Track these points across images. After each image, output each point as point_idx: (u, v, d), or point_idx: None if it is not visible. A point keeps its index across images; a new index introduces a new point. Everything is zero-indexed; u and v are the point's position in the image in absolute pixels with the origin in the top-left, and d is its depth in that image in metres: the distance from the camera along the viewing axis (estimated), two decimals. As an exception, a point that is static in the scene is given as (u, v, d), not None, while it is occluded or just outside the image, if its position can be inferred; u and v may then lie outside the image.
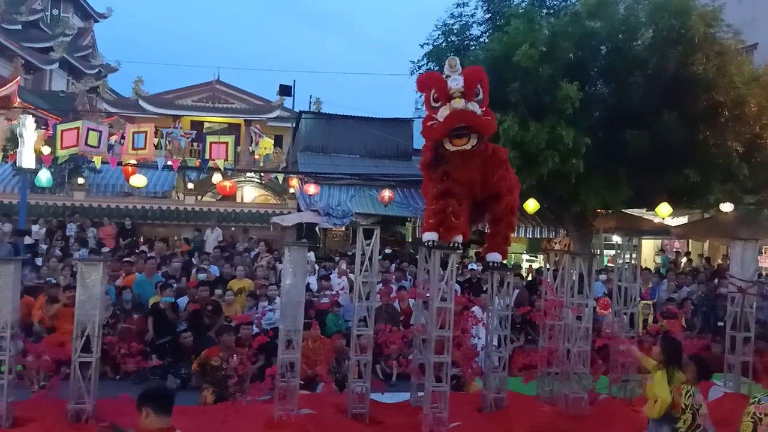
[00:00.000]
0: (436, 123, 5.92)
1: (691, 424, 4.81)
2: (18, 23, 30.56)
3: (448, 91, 5.81)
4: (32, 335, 8.60)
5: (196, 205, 19.68)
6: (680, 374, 5.07)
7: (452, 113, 5.78)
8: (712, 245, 18.70)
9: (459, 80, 5.81)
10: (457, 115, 5.79)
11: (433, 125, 5.98)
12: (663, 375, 5.04)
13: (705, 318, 10.85)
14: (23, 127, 14.16)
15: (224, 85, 30.68)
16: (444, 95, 5.86)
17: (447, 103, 5.82)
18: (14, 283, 5.88)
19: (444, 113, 5.82)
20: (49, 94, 29.55)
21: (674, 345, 5.44)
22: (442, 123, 5.84)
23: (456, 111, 5.77)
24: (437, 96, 5.93)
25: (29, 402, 6.08)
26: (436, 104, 5.95)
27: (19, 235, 13.51)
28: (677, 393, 4.92)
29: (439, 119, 5.86)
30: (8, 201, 17.57)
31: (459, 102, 5.78)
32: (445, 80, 5.91)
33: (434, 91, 5.97)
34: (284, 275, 6.29)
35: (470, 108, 5.82)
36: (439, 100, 5.90)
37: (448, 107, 5.80)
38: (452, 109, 5.77)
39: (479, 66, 6.47)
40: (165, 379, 8.18)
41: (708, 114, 13.29)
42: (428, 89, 6.12)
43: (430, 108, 6.07)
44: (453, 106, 5.77)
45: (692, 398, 4.85)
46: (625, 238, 8.14)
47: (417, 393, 6.88)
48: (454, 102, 5.78)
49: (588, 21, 13.82)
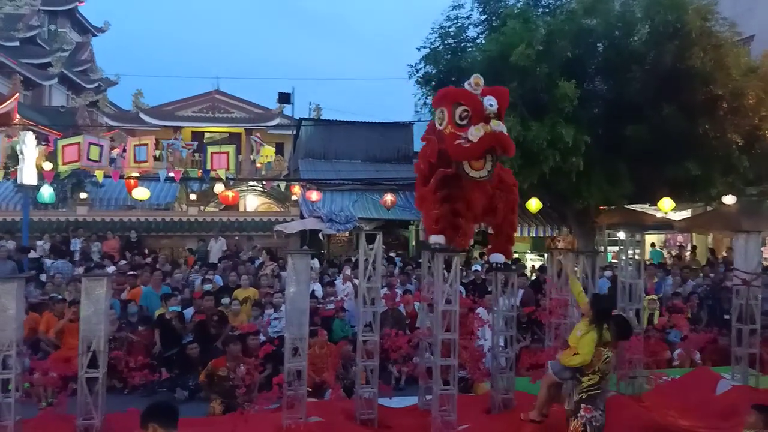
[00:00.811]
0: (465, 142, 5.76)
1: (595, 384, 5.08)
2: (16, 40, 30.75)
3: (484, 111, 5.72)
4: (39, 352, 8.62)
5: (199, 215, 19.74)
6: (608, 333, 5.22)
7: (489, 135, 5.69)
8: (716, 238, 18.66)
9: (493, 101, 5.74)
10: (494, 138, 5.73)
11: (462, 144, 5.79)
12: (593, 335, 5.18)
13: (711, 311, 10.82)
14: (24, 143, 14.20)
15: (224, 94, 30.80)
16: (478, 115, 5.74)
17: (480, 123, 5.70)
18: (18, 301, 5.89)
19: (477, 133, 5.69)
20: (49, 110, 29.64)
21: (604, 303, 5.58)
22: (477, 144, 5.72)
23: (493, 133, 5.70)
24: (470, 114, 5.78)
25: (37, 419, 6.09)
26: (462, 122, 5.81)
27: (22, 252, 13.56)
28: (597, 356, 5.12)
29: (470, 138, 5.72)
30: (11, 218, 17.64)
31: (498, 124, 5.73)
32: (479, 98, 5.78)
33: (466, 108, 5.80)
34: (288, 283, 6.30)
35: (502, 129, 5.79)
36: (471, 118, 5.76)
37: (482, 127, 5.69)
38: (490, 130, 5.69)
39: (503, 87, 6.32)
40: (173, 392, 8.20)
41: (707, 107, 13.28)
42: (452, 104, 5.94)
43: (455, 125, 5.88)
44: (493, 128, 5.70)
45: (608, 364, 5.10)
46: (629, 234, 8.12)
47: (425, 396, 6.87)
48: (494, 123, 5.71)
49: (584, 18, 13.83)
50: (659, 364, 8.28)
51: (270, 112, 29.57)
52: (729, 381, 7.51)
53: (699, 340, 8.72)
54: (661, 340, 8.97)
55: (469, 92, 5.94)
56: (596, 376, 5.08)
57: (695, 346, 8.83)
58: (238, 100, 30.91)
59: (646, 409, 6.84)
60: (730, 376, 7.69)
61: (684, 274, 12.87)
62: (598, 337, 5.16)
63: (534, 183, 13.44)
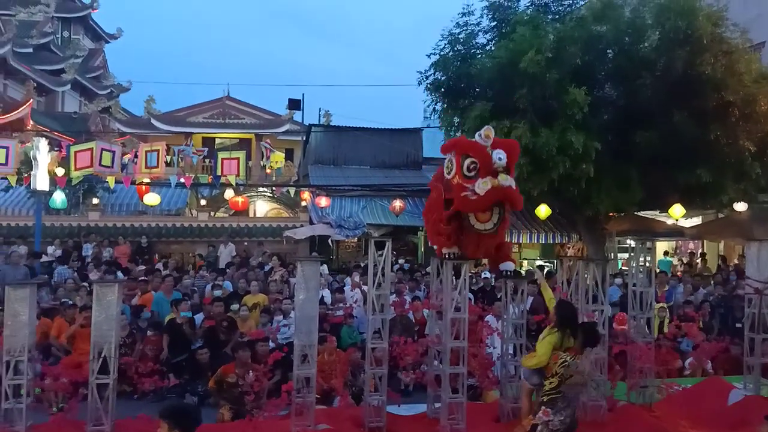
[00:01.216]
0: (472, 194, 5.74)
1: (554, 387, 5.12)
2: (29, 46, 31.12)
3: (493, 165, 5.70)
4: (50, 357, 8.68)
5: (209, 221, 19.83)
6: (570, 340, 5.29)
7: (496, 189, 5.69)
8: (728, 245, 18.50)
9: (503, 156, 5.72)
10: (501, 192, 5.73)
11: (469, 197, 5.77)
12: (552, 338, 5.32)
13: (723, 320, 10.72)
14: (37, 149, 14.38)
15: (234, 101, 30.95)
16: (486, 168, 5.71)
17: (488, 177, 5.68)
18: (30, 307, 5.95)
19: (484, 187, 5.67)
20: (62, 116, 29.98)
21: (568, 310, 5.62)
22: (484, 197, 5.70)
23: (501, 188, 5.70)
24: (477, 167, 5.74)
25: (48, 425, 6.12)
26: (470, 173, 5.78)
27: (34, 258, 13.67)
28: (553, 360, 5.21)
29: (477, 191, 5.70)
30: (23, 223, 17.81)
31: (506, 179, 5.72)
32: (488, 151, 5.74)
33: (474, 160, 5.77)
34: (298, 290, 6.31)
35: (510, 184, 5.78)
36: (479, 171, 5.73)
37: (489, 181, 5.67)
38: (497, 185, 5.68)
39: (514, 141, 6.32)
40: (182, 398, 8.22)
41: (718, 113, 13.19)
42: (461, 155, 5.91)
43: (463, 176, 5.83)
44: (501, 183, 5.69)
45: (565, 368, 5.09)
46: (639, 241, 8.06)
47: (434, 404, 6.84)
48: (502, 178, 5.70)
49: (594, 25, 13.80)
50: (670, 373, 8.21)
51: (280, 118, 29.69)
52: (741, 391, 7.43)
53: (711, 349, 8.63)
54: (672, 349, 8.90)
55: (479, 144, 5.87)
56: (554, 379, 5.14)
57: (707, 355, 8.74)
58: (248, 106, 31.06)
59: (656, 419, 6.79)
60: (742, 385, 7.61)
61: (695, 282, 12.76)
62: (558, 341, 5.29)
63: (543, 189, 13.40)
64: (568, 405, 5.13)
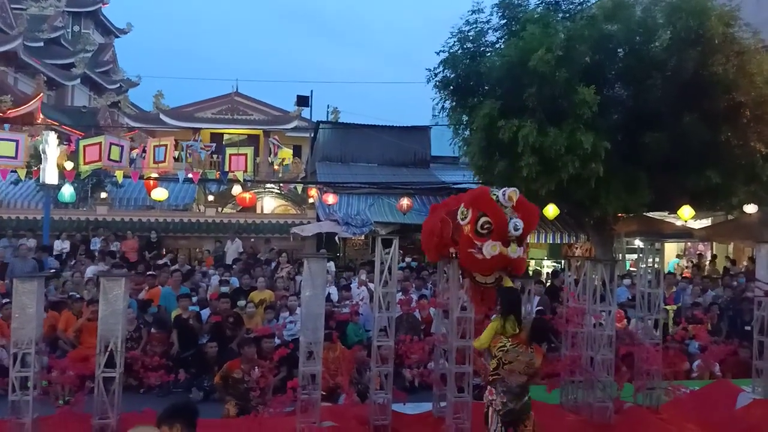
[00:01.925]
0: (478, 253, 5.67)
1: (494, 369, 5.21)
2: (40, 40, 31.26)
3: (507, 233, 5.62)
4: (57, 350, 8.73)
5: (216, 216, 19.88)
6: (512, 326, 5.30)
7: (502, 257, 5.64)
8: (737, 247, 18.38)
9: (520, 225, 5.63)
10: (506, 261, 5.70)
11: (474, 254, 5.70)
12: (494, 324, 5.41)
13: (732, 322, 10.65)
14: (46, 143, 14.44)
15: (243, 96, 31.01)
16: (500, 234, 5.62)
17: (498, 242, 5.61)
18: (38, 300, 5.97)
19: (492, 251, 5.59)
20: (72, 110, 30.11)
21: (510, 297, 5.60)
22: (489, 261, 5.64)
23: (507, 258, 5.66)
24: (491, 228, 5.65)
25: (54, 417, 6.14)
26: (482, 232, 5.68)
27: (43, 251, 13.74)
28: (493, 343, 5.28)
29: (484, 253, 5.62)
30: (32, 216, 17.93)
31: (515, 251, 5.67)
32: (506, 218, 5.64)
33: (490, 222, 5.66)
34: (304, 287, 6.30)
35: (519, 254, 5.73)
36: (492, 233, 5.64)
37: (498, 247, 5.60)
38: (505, 253, 5.63)
39: (535, 206, 6.16)
40: (189, 392, 8.24)
41: (729, 114, 13.08)
42: (478, 213, 5.77)
43: (475, 233, 5.72)
44: (508, 253, 5.63)
45: (503, 353, 5.15)
46: (648, 242, 8.02)
47: (439, 403, 6.83)
48: (511, 249, 5.64)
49: (604, 24, 13.70)
50: (678, 375, 8.15)
51: (288, 115, 29.72)
52: (749, 394, 7.38)
53: (719, 352, 8.56)
54: (680, 351, 8.85)
55: (498, 208, 5.72)
56: (494, 362, 5.23)
57: (715, 358, 8.67)
58: (256, 102, 31.11)
59: (663, 421, 6.75)
60: (750, 389, 7.56)
61: (704, 284, 12.69)
62: (500, 327, 5.35)
63: (551, 189, 13.34)
64: (510, 391, 5.12)
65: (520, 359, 5.13)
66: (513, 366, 5.13)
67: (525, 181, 12.80)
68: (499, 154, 13.77)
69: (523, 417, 5.22)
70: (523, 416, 5.21)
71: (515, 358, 5.13)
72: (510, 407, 5.15)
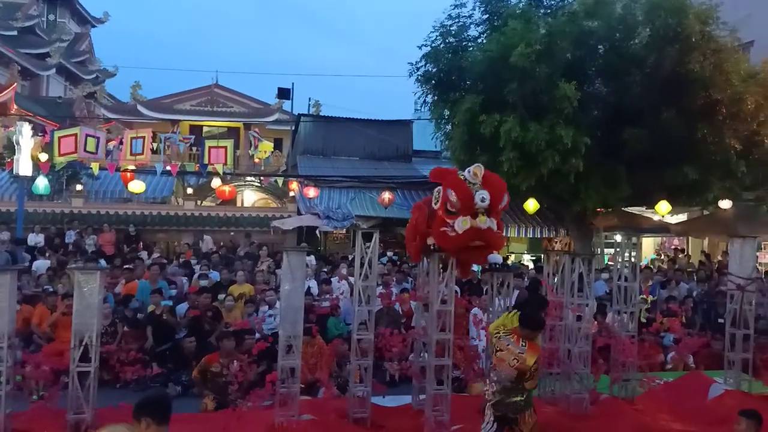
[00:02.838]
0: (451, 231, 5.71)
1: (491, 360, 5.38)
2: (14, 29, 30.62)
3: (474, 206, 5.65)
4: (31, 344, 8.58)
5: (195, 210, 19.70)
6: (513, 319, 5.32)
7: (473, 230, 5.65)
8: (712, 242, 18.69)
9: (486, 197, 5.65)
10: (478, 234, 5.68)
11: (447, 232, 5.75)
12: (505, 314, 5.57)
13: (705, 315, 10.84)
14: (20, 134, 14.18)
15: (223, 88, 30.70)
16: (467, 207, 5.66)
17: (468, 216, 5.65)
18: (11, 293, 5.85)
19: (463, 226, 5.64)
20: (47, 101, 29.54)
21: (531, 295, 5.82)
22: (460, 236, 5.67)
23: (478, 229, 5.65)
24: (459, 205, 5.70)
25: (28, 413, 6.04)
26: (452, 210, 5.72)
27: (17, 244, 13.49)
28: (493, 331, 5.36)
29: (456, 229, 5.67)
30: (6, 209, 17.59)
31: (484, 221, 5.67)
32: (470, 191, 5.68)
33: (457, 198, 5.71)
34: (283, 280, 6.27)
35: (490, 225, 5.73)
36: (460, 209, 5.69)
37: (469, 221, 5.64)
38: (475, 226, 5.64)
39: (502, 180, 6.17)
40: (166, 387, 8.16)
41: (706, 112, 13.28)
42: (447, 191, 5.84)
43: (446, 211, 5.78)
44: (477, 225, 5.64)
45: (498, 340, 5.20)
46: (625, 237, 8.11)
47: (418, 396, 6.85)
48: (479, 220, 5.65)
49: (585, 20, 13.81)
50: (652, 367, 8.28)
51: (269, 108, 29.50)
52: (721, 385, 7.51)
53: (692, 344, 8.71)
54: (654, 343, 8.97)
55: (463, 183, 5.79)
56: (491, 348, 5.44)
57: (689, 350, 8.82)
58: (237, 94, 30.83)
59: (638, 412, 6.84)
60: (722, 380, 7.69)
61: (677, 277, 12.89)
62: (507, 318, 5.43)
63: (532, 184, 13.43)
64: (500, 381, 5.12)
65: (510, 348, 5.10)
66: (503, 355, 5.11)
67: (506, 175, 12.84)
68: (481, 148, 13.82)
69: (516, 417, 5.18)
70: (515, 416, 5.17)
71: (505, 347, 5.12)
72: (499, 398, 5.14)
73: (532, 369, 5.11)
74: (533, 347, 5.15)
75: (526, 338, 5.13)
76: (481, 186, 5.76)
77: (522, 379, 5.13)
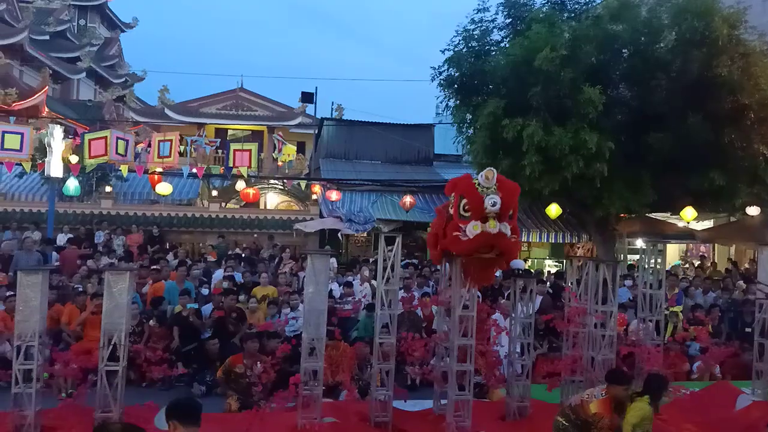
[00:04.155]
0: (463, 235, 5.74)
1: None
2: (46, 34, 31.26)
3: (484, 209, 5.65)
4: (60, 343, 8.77)
5: (220, 212, 19.93)
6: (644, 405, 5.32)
7: (483, 235, 5.65)
8: (739, 249, 18.36)
9: (497, 201, 5.63)
10: (488, 238, 5.68)
11: (459, 237, 5.78)
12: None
13: (732, 324, 10.65)
14: (51, 136, 14.46)
15: (247, 92, 30.98)
16: (478, 212, 5.68)
17: (478, 221, 5.66)
18: (42, 293, 6.02)
19: (474, 231, 5.65)
20: (77, 104, 30.15)
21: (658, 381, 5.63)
22: (471, 241, 5.69)
23: (488, 234, 5.65)
24: (469, 209, 5.74)
25: (56, 410, 6.20)
26: (466, 214, 5.77)
27: (47, 244, 13.78)
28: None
29: (468, 234, 5.69)
30: (37, 209, 17.98)
31: (494, 226, 5.65)
32: (481, 197, 5.68)
33: (467, 203, 5.76)
34: (307, 283, 6.34)
35: (501, 230, 5.71)
36: (471, 214, 5.73)
37: (479, 226, 5.65)
38: (485, 231, 5.64)
39: (515, 183, 6.18)
40: (190, 387, 8.29)
41: (733, 116, 13.04)
42: (459, 196, 5.92)
43: (459, 216, 5.83)
44: (487, 229, 5.64)
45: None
46: (650, 243, 8.03)
47: (440, 401, 6.87)
48: (489, 225, 5.64)
49: (610, 24, 13.66)
50: (678, 376, 8.19)
51: (292, 111, 29.71)
52: (749, 396, 7.40)
53: (719, 354, 8.59)
54: (680, 353, 8.86)
55: (474, 189, 5.81)
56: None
57: (715, 360, 8.70)
58: (261, 98, 31.08)
59: (663, 422, 6.76)
60: (750, 391, 7.58)
61: (705, 285, 12.69)
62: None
63: (555, 189, 13.34)
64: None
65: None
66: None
67: (528, 180, 12.79)
68: (503, 152, 13.76)
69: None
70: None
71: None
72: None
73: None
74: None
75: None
76: (496, 190, 5.75)
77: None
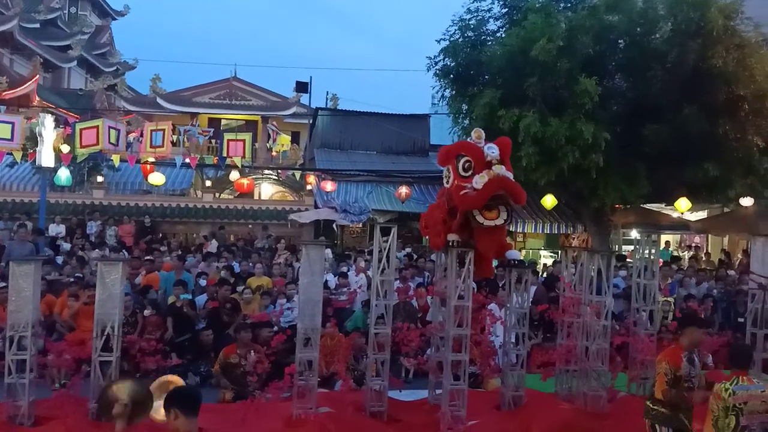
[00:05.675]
0: (470, 191, 5.72)
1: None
2: (36, 22, 30.93)
3: (485, 158, 5.67)
4: (54, 333, 8.72)
5: (214, 202, 19.85)
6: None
7: (494, 179, 5.64)
8: (732, 240, 18.45)
9: (495, 148, 5.71)
10: (498, 182, 5.67)
11: (468, 194, 5.76)
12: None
13: (725, 314, 10.71)
14: (42, 125, 14.31)
15: (241, 82, 30.81)
16: (481, 163, 5.70)
17: (484, 171, 5.66)
18: (35, 283, 5.97)
19: (482, 180, 5.64)
20: (68, 93, 29.85)
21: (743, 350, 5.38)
22: (482, 190, 5.66)
23: (498, 177, 5.64)
24: (472, 164, 5.75)
25: (50, 400, 6.17)
26: (467, 173, 5.78)
27: (38, 234, 13.69)
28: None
29: (476, 186, 5.67)
30: (28, 200, 17.86)
31: (500, 168, 5.68)
32: (479, 147, 5.76)
33: (468, 158, 5.79)
34: (302, 274, 6.32)
35: (508, 175, 5.74)
36: (474, 167, 5.73)
37: (486, 174, 5.64)
38: (494, 175, 5.63)
39: (506, 138, 6.28)
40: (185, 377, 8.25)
41: (728, 108, 13.08)
42: (455, 158, 5.95)
43: (460, 177, 5.86)
44: (496, 173, 5.64)
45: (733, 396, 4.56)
46: (644, 234, 8.05)
47: (435, 391, 6.88)
48: (496, 168, 5.66)
49: (606, 15, 13.64)
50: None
51: (287, 101, 29.56)
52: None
53: (712, 344, 8.63)
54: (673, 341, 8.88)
55: (469, 143, 5.96)
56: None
57: (708, 349, 8.74)
58: (255, 87, 30.92)
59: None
60: (743, 380, 7.61)
61: (698, 276, 12.74)
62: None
63: (551, 180, 13.34)
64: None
65: (752, 393, 4.54)
66: (752, 406, 4.52)
67: (524, 170, 12.78)
68: (499, 143, 13.74)
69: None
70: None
71: (747, 396, 4.53)
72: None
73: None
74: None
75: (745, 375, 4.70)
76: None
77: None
